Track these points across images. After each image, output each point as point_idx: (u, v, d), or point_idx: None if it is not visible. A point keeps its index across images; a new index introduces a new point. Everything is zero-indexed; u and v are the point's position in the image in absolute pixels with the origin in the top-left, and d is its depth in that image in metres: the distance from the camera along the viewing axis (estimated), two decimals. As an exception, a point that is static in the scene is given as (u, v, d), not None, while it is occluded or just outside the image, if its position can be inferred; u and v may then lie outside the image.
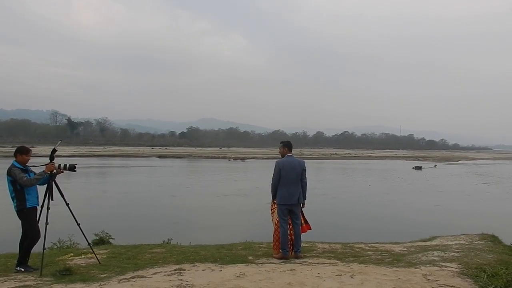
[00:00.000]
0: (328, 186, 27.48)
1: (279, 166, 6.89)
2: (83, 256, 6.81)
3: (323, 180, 33.18)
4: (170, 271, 5.56)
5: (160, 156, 70.13)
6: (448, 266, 5.70)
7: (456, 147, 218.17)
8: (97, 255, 6.43)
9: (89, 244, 6.62)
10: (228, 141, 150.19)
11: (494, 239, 8.45)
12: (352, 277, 5.24)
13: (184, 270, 5.62)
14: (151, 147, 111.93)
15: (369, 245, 8.50)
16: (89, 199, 20.12)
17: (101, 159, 59.18)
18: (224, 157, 71.12)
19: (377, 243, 8.90)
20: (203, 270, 5.63)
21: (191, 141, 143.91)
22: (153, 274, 5.44)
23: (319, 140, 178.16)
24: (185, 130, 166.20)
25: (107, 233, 9.58)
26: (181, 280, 5.03)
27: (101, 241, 9.18)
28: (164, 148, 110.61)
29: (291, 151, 7.17)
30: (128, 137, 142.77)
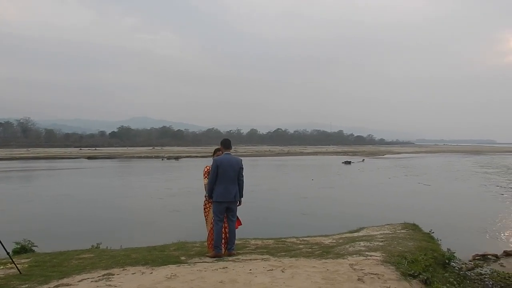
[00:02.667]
0: (262, 183, 27.78)
1: (217, 164, 6.87)
2: (1, 267, 6.37)
3: (257, 176, 33.52)
4: (98, 276, 5.37)
5: (89, 157, 67.18)
6: (373, 255, 6.00)
7: (382, 142, 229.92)
8: (17, 265, 6.03)
9: (7, 253, 6.20)
10: (162, 140, 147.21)
11: (415, 227, 9.01)
12: (283, 271, 5.36)
13: (113, 275, 5.45)
14: (79, 148, 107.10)
15: (301, 239, 8.72)
16: (8, 205, 18.86)
17: (24, 162, 55.64)
18: (157, 157, 69.65)
19: (308, 236, 9.16)
20: (133, 273, 5.50)
21: (123, 141, 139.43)
22: (80, 281, 5.22)
23: (253, 137, 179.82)
24: (115, 130, 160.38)
25: (29, 240, 8.99)
26: (109, 285, 4.88)
27: (22, 250, 8.59)
28: (94, 148, 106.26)
29: (228, 149, 7.16)
30: (54, 138, 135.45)
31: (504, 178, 33.18)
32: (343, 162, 53.74)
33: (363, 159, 62.65)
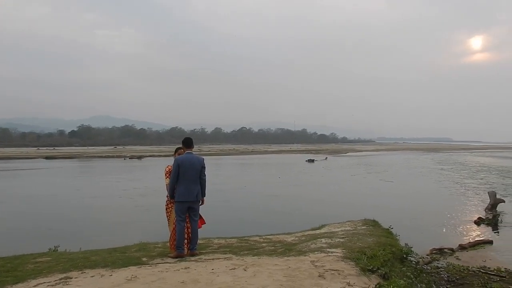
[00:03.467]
0: (227, 181, 27.74)
1: (178, 163, 6.78)
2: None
3: (222, 175, 33.43)
4: (55, 280, 5.21)
5: (47, 157, 64.90)
6: (334, 252, 6.11)
7: (344, 141, 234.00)
8: (-33, 272, 5.77)
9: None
10: (124, 140, 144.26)
11: (374, 223, 9.23)
12: (245, 270, 5.37)
13: (71, 278, 5.30)
14: (36, 148, 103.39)
15: (264, 237, 8.76)
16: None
17: (-24, 163, 53.28)
18: (119, 156, 68.20)
19: (271, 234, 9.21)
20: (92, 276, 5.36)
21: (83, 140, 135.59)
22: (35, 286, 5.05)
23: (217, 136, 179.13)
24: (75, 129, 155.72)
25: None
26: (67, 289, 4.75)
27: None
28: (52, 148, 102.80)
29: (190, 147, 7.08)
30: (10, 138, 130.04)
31: (458, 175, 34.57)
32: (306, 161, 54.34)
33: (326, 157, 63.58)
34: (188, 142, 7.07)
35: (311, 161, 53.76)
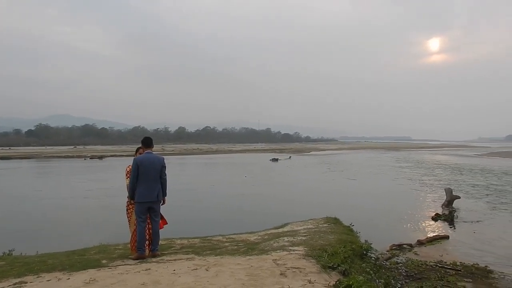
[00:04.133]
0: (192, 181, 27.51)
1: (137, 163, 6.66)
2: None
3: (187, 175, 33.14)
4: (9, 286, 5.01)
5: (2, 157, 62.40)
6: (296, 250, 6.17)
7: (308, 140, 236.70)
8: None
9: None
10: (84, 139, 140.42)
11: (336, 221, 9.39)
12: (207, 270, 5.34)
13: (26, 283, 5.11)
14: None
15: (227, 236, 8.75)
16: None
17: None
18: (79, 156, 66.30)
19: (234, 234, 9.21)
20: (48, 280, 5.19)
21: (41, 140, 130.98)
22: (-13, 292, 4.84)
23: (181, 135, 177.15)
24: (33, 128, 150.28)
25: None
26: (21, 294, 4.58)
27: None
28: (8, 148, 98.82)
29: (149, 147, 6.97)
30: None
31: (416, 172, 35.72)
32: (270, 160, 54.61)
33: (290, 156, 64.09)
34: (147, 142, 6.96)
35: (275, 160, 54.08)
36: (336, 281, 4.72)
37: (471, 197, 19.67)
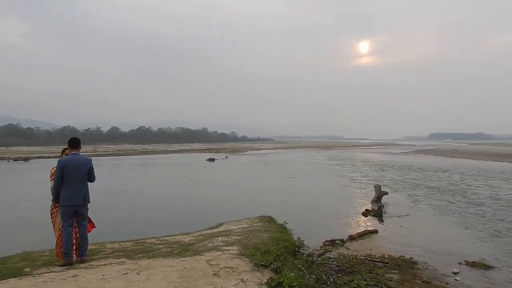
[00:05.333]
0: (124, 182, 26.70)
1: (62, 165, 6.33)
2: None
3: (123, 176, 32.12)
4: None
5: None
6: (230, 249, 6.16)
7: (244, 139, 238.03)
8: None
9: None
10: (8, 140, 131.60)
11: (270, 220, 9.50)
12: (138, 274, 5.19)
13: None
14: None
15: (161, 239, 8.57)
16: None
17: None
18: (2, 158, 62.14)
19: (169, 236, 9.04)
20: (-39, 293, 4.80)
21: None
22: None
23: (114, 135, 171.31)
24: None
25: None
26: None
27: None
28: None
29: (76, 148, 6.66)
30: None
31: (348, 169, 37.17)
32: (207, 160, 54.33)
33: (227, 156, 64.14)
34: (74, 142, 6.65)
35: (212, 160, 53.90)
36: (268, 279, 4.77)
37: (398, 193, 20.75)
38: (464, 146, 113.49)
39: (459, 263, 9.09)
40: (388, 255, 9.63)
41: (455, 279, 8.02)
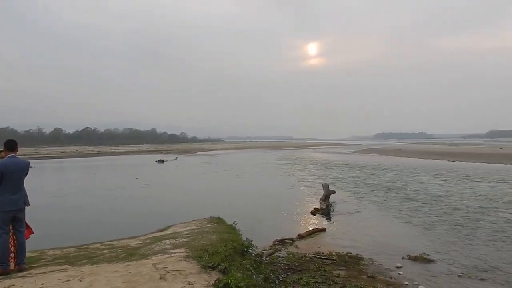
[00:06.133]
0: (67, 186, 25.69)
1: (1, 169, 5.98)
2: None
3: (63, 179, 30.88)
4: None
5: None
6: (177, 252, 6.05)
7: (195, 140, 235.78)
8: None
9: None
10: None
11: (219, 220, 9.45)
12: (80, 281, 4.99)
13: None
14: None
15: (106, 243, 8.30)
16: None
17: None
18: None
19: (114, 240, 8.78)
20: None
21: None
22: None
23: (58, 137, 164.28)
24: None
25: None
26: None
27: None
28: None
29: (13, 151, 6.31)
30: None
31: (297, 169, 37.81)
32: (156, 161, 53.40)
33: (177, 157, 63.35)
34: (10, 145, 6.31)
35: (161, 161, 53.03)
36: (215, 280, 4.73)
37: (345, 191, 21.32)
38: (407, 145, 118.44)
39: (402, 258, 9.48)
40: (335, 252, 9.86)
41: (398, 273, 8.34)
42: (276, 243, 10.83)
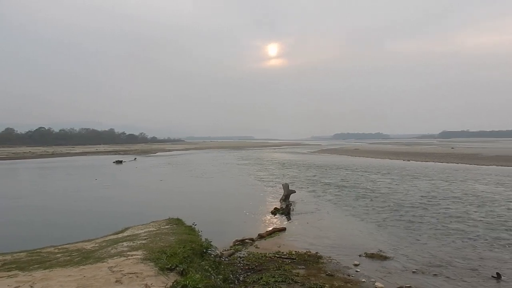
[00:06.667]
0: (19, 188, 24.65)
1: None
2: None
3: (16, 182, 29.63)
4: None
5: None
6: (135, 254, 5.92)
7: (154, 140, 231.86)
8: None
9: None
10: None
11: (178, 222, 9.33)
12: (32, 286, 4.80)
13: None
14: None
15: (60, 247, 8.00)
16: None
17: None
18: None
19: (68, 243, 8.48)
20: None
21: None
22: None
23: (9, 137, 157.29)
24: None
25: None
26: None
27: None
28: None
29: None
30: None
31: (255, 168, 38.01)
32: (114, 162, 52.16)
33: (135, 158, 62.15)
34: None
35: (120, 162, 51.84)
36: (173, 282, 4.66)
37: (304, 190, 21.59)
38: (365, 145, 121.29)
39: (359, 255, 9.72)
40: (295, 251, 9.97)
41: (356, 271, 8.54)
42: (237, 243, 10.82)
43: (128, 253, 6.11)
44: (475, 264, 9.15)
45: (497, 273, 8.28)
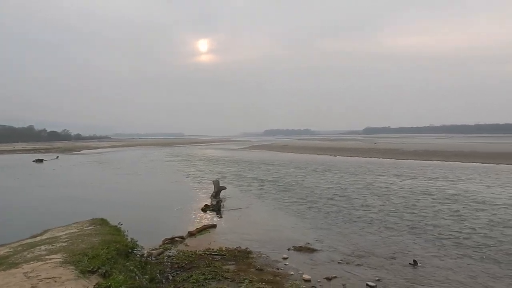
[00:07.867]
0: None
1: None
2: None
3: None
4: None
5: None
6: (54, 258, 5.57)
7: (78, 138, 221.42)
8: None
9: None
10: None
11: (102, 222, 8.94)
12: None
13: None
14: None
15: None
16: None
17: None
18: None
19: (-21, 249, 7.80)
20: None
21: None
22: None
23: None
24: None
25: None
26: None
27: None
28: None
29: None
30: None
31: (184, 165, 37.71)
32: (34, 161, 49.10)
33: (58, 156, 58.95)
34: None
35: (40, 161, 48.89)
36: (94, 285, 4.42)
37: (235, 187, 21.67)
38: (294, 141, 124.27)
39: (288, 249, 9.92)
40: (225, 247, 9.96)
41: (285, 264, 8.70)
42: (166, 242, 10.61)
43: (47, 257, 5.72)
44: (393, 252, 9.71)
45: (414, 260, 8.86)
